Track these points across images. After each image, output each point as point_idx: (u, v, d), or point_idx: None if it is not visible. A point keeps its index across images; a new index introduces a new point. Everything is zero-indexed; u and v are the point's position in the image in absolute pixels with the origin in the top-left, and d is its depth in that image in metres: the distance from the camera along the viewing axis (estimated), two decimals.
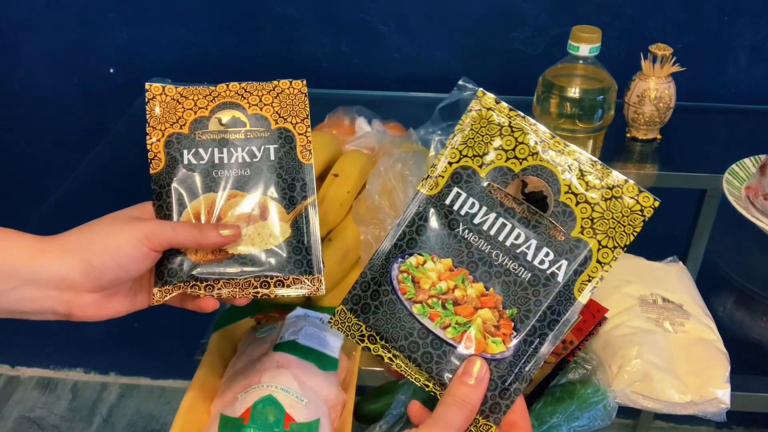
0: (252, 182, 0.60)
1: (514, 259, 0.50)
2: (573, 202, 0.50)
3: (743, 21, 1.17)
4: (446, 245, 0.51)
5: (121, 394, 1.76)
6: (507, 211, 0.51)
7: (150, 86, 0.63)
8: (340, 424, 0.64)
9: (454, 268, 0.50)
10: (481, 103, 0.53)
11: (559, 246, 0.50)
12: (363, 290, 0.51)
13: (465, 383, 0.47)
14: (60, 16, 1.28)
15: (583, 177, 0.51)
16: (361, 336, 0.50)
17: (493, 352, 0.49)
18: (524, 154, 0.51)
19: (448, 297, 0.50)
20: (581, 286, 0.50)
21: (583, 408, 0.65)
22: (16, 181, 1.50)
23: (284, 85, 0.65)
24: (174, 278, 0.57)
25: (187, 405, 0.65)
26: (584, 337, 0.70)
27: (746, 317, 0.84)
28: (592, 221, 0.50)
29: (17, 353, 1.81)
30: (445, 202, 0.52)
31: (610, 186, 0.50)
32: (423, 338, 0.49)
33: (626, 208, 0.50)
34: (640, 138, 1.09)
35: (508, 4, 1.19)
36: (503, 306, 0.50)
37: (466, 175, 0.52)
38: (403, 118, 1.04)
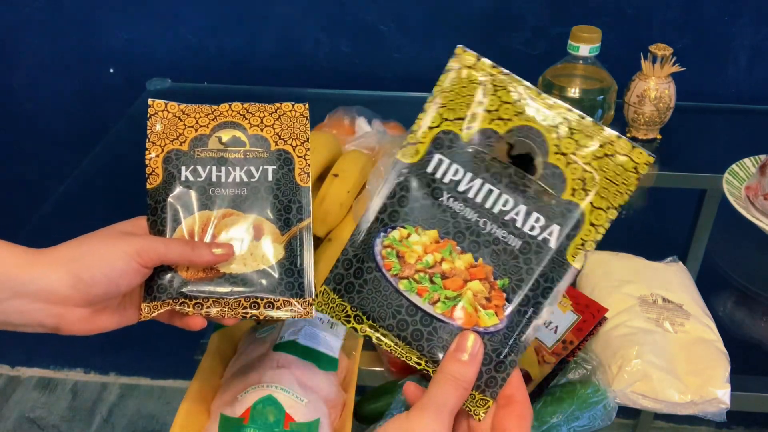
0: (248, 202, 0.60)
1: (503, 226, 0.47)
2: (563, 163, 0.47)
3: (743, 21, 1.17)
4: (431, 216, 0.47)
5: (121, 394, 1.76)
6: (493, 177, 0.47)
7: (153, 102, 0.63)
8: (340, 424, 0.64)
9: (440, 240, 0.47)
10: (461, 61, 0.49)
11: (550, 210, 0.47)
12: (345, 268, 0.48)
13: (458, 359, 0.45)
14: (60, 16, 1.28)
15: (572, 135, 0.47)
16: (347, 316, 0.47)
17: (485, 325, 0.46)
18: (509, 114, 0.48)
19: (436, 270, 0.47)
20: (575, 251, 0.47)
21: (583, 408, 0.65)
22: (16, 181, 1.50)
23: (286, 108, 0.64)
24: (163, 294, 0.57)
25: (187, 405, 0.65)
26: (584, 337, 0.70)
27: (746, 317, 0.84)
28: (584, 182, 0.47)
29: (17, 353, 1.81)
30: (426, 170, 0.48)
31: (602, 143, 0.47)
32: (412, 315, 0.47)
33: (619, 165, 0.47)
34: (640, 138, 1.09)
35: (508, 4, 1.19)
36: (494, 276, 0.47)
37: (448, 140, 0.48)
38: (403, 118, 1.04)
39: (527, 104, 0.48)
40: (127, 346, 1.73)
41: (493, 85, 0.48)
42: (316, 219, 0.81)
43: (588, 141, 0.47)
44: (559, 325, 0.70)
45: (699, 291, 0.77)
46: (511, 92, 0.48)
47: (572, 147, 0.47)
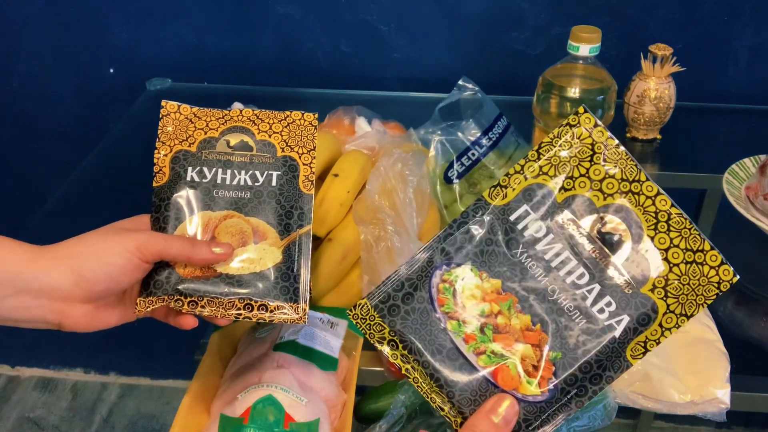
0: (250, 205, 0.60)
1: (572, 300, 0.45)
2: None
3: (743, 21, 1.17)
4: (499, 264, 0.46)
5: (121, 394, 1.76)
6: (575, 246, 0.45)
7: (166, 103, 0.64)
8: (340, 424, 0.64)
9: (502, 292, 0.45)
10: (580, 121, 0.47)
11: (624, 299, 0.45)
12: (395, 290, 0.46)
13: (490, 420, 0.43)
14: (60, 16, 1.28)
15: (668, 232, 0.46)
16: (381, 338, 0.46)
17: (525, 393, 0.44)
18: (612, 189, 0.46)
19: (489, 321, 0.45)
20: (635, 347, 0.45)
21: (583, 408, 0.65)
22: (16, 180, 1.50)
23: (296, 116, 0.65)
24: (159, 290, 0.57)
25: (187, 405, 0.65)
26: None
27: (746, 317, 0.84)
28: (666, 281, 0.45)
29: (17, 353, 1.81)
30: (509, 217, 0.46)
31: (694, 249, 0.45)
32: (452, 359, 0.44)
33: (704, 276, 0.45)
34: (640, 138, 1.09)
35: (508, 4, 1.19)
36: (549, 347, 0.45)
37: (540, 195, 0.46)
38: (403, 118, 1.04)
39: (632, 186, 0.46)
40: (127, 346, 1.73)
41: (604, 154, 0.47)
42: (316, 219, 0.81)
43: (682, 242, 0.46)
44: None
45: None
46: (620, 168, 0.46)
47: (666, 243, 0.46)
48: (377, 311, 0.46)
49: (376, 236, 0.78)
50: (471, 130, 0.89)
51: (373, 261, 0.76)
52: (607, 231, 0.46)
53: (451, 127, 0.90)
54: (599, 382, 0.45)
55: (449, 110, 0.92)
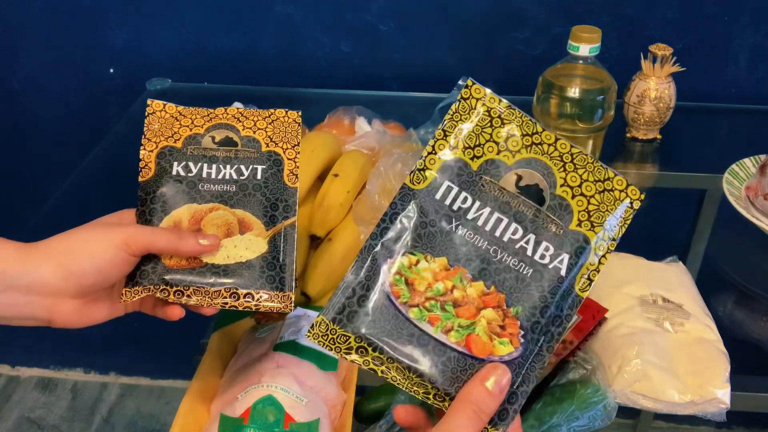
0: (235, 198, 0.61)
1: (514, 254, 0.47)
2: (569, 195, 0.49)
3: (743, 21, 1.17)
4: (439, 243, 0.47)
5: (121, 394, 1.75)
6: (502, 206, 0.48)
7: (151, 102, 0.65)
8: (340, 424, 0.64)
9: (450, 267, 0.47)
10: (471, 93, 0.50)
11: (558, 240, 0.48)
12: (348, 297, 0.46)
13: (485, 388, 0.44)
14: (60, 16, 1.28)
15: (576, 170, 0.49)
16: (348, 348, 0.45)
17: (500, 354, 0.45)
18: (517, 146, 0.49)
19: (447, 298, 0.46)
20: (581, 281, 0.48)
21: (583, 408, 0.65)
22: (16, 181, 1.50)
23: (280, 114, 0.66)
24: (144, 280, 0.57)
25: (187, 405, 0.65)
26: (584, 337, 0.70)
27: (746, 317, 0.84)
28: (589, 214, 0.49)
29: (17, 353, 1.81)
30: (435, 196, 0.48)
31: (602, 179, 0.49)
32: (424, 345, 0.45)
33: (618, 200, 0.49)
34: (640, 138, 1.09)
35: (508, 4, 1.19)
36: (507, 304, 0.46)
37: (457, 168, 0.48)
38: (403, 118, 1.04)
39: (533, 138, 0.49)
40: (127, 346, 1.73)
41: (501, 117, 0.49)
42: (316, 219, 0.82)
43: (590, 176, 0.49)
44: None
45: (699, 291, 0.77)
46: (517, 126, 0.49)
47: (577, 181, 0.49)
48: (337, 323, 0.46)
49: None
50: None
51: None
52: (525, 184, 0.48)
53: None
54: (561, 324, 0.47)
55: (449, 110, 0.92)
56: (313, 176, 0.85)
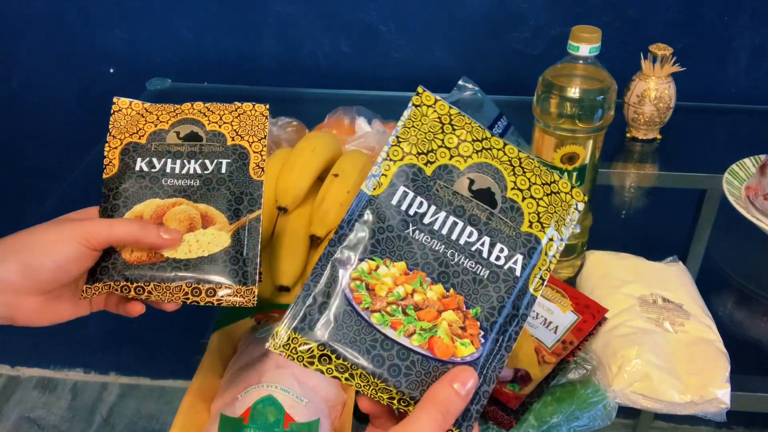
0: (199, 192, 0.61)
1: (470, 257, 0.48)
2: (519, 198, 0.50)
3: (743, 21, 1.17)
4: (397, 248, 0.48)
5: (121, 394, 1.76)
6: (456, 209, 0.49)
7: (117, 100, 0.65)
8: (340, 424, 0.64)
9: (409, 271, 0.47)
10: (422, 100, 0.51)
11: (512, 241, 0.49)
12: (309, 305, 0.45)
13: (453, 389, 0.44)
14: (60, 16, 1.28)
15: (524, 174, 0.51)
16: (311, 358, 0.44)
17: (462, 355, 0.46)
18: (468, 151, 0.50)
19: (408, 302, 0.46)
20: (534, 280, 0.49)
21: (583, 408, 0.65)
22: (16, 181, 1.50)
23: (247, 107, 0.66)
24: (105, 276, 0.57)
25: (187, 405, 0.65)
26: (584, 337, 0.70)
27: (746, 317, 0.84)
28: (539, 215, 0.50)
29: (17, 353, 1.81)
30: (391, 202, 0.48)
31: (548, 182, 0.51)
32: (387, 350, 0.45)
33: (564, 202, 0.51)
34: (640, 138, 1.09)
35: (508, 4, 1.19)
36: (466, 306, 0.47)
37: (412, 174, 0.49)
38: None
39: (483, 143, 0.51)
40: (127, 346, 1.73)
41: (452, 124, 0.50)
42: (316, 219, 0.82)
43: (538, 179, 0.51)
44: (559, 325, 0.70)
45: (699, 291, 0.77)
46: (467, 131, 0.51)
47: (527, 184, 0.51)
48: (299, 332, 0.45)
49: None
50: None
51: None
52: (478, 188, 0.50)
53: None
54: (518, 323, 0.48)
55: None
56: (313, 176, 0.85)
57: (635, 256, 0.82)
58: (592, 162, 0.79)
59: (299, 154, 0.86)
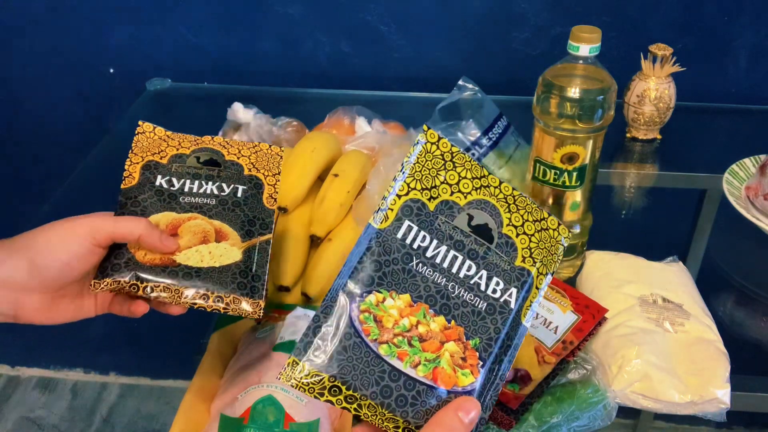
0: (215, 210, 0.63)
1: (469, 290, 0.50)
2: (514, 234, 0.53)
3: (743, 21, 1.17)
4: (402, 280, 0.49)
5: (121, 394, 1.76)
6: (456, 244, 0.51)
7: (142, 123, 0.67)
8: (340, 424, 0.64)
9: (413, 304, 0.49)
10: (427, 137, 0.53)
11: (506, 275, 0.51)
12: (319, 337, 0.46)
13: (458, 416, 0.45)
14: (60, 16, 1.28)
15: (518, 211, 0.53)
16: (322, 389, 0.45)
17: (463, 385, 0.48)
18: (468, 188, 0.53)
19: (413, 333, 0.48)
20: (525, 312, 0.52)
21: (583, 408, 0.65)
22: (16, 181, 1.50)
23: (264, 147, 0.70)
24: (116, 273, 0.58)
25: (187, 405, 0.65)
26: (584, 337, 0.70)
27: (746, 317, 0.84)
28: (531, 251, 0.53)
29: (17, 353, 1.81)
30: (396, 235, 0.50)
31: (539, 219, 0.54)
32: (395, 380, 0.46)
33: (552, 239, 0.54)
34: (640, 138, 1.09)
35: (508, 4, 1.19)
36: (466, 337, 0.49)
37: (416, 208, 0.51)
38: (403, 118, 1.04)
39: (481, 181, 0.53)
40: (127, 346, 1.73)
41: (453, 161, 0.53)
42: (316, 219, 0.82)
43: (529, 216, 0.54)
44: (559, 326, 0.70)
45: (699, 291, 0.77)
46: (467, 169, 0.53)
47: (520, 220, 0.53)
48: (311, 364, 0.46)
49: None
50: (471, 130, 0.89)
51: None
52: (476, 224, 0.52)
53: (451, 127, 0.90)
54: (510, 352, 0.51)
55: (449, 110, 0.92)
56: (313, 176, 0.85)
57: (635, 256, 0.82)
58: (592, 162, 0.79)
59: (299, 154, 0.86)
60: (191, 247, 0.60)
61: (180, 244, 0.60)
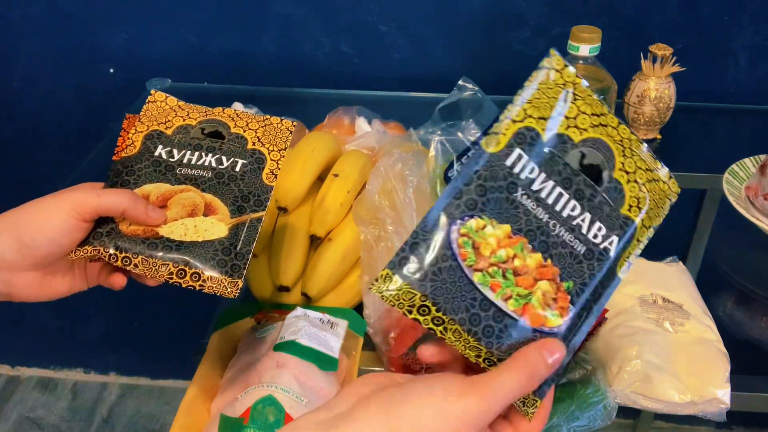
0: (209, 183, 0.62)
1: (570, 231, 0.48)
2: (624, 180, 0.50)
3: (743, 21, 1.17)
4: (504, 210, 0.47)
5: (121, 394, 1.76)
6: (564, 181, 0.48)
7: (155, 92, 0.67)
8: None
9: (512, 236, 0.47)
10: (552, 63, 0.50)
11: (610, 221, 0.49)
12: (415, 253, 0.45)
13: (542, 355, 0.44)
14: (60, 16, 1.28)
15: (632, 156, 0.50)
16: (411, 306, 0.44)
17: (551, 326, 0.46)
18: (585, 124, 0.49)
19: (508, 266, 0.46)
20: (622, 263, 0.49)
21: (583, 408, 0.65)
22: (16, 181, 1.50)
23: (275, 120, 0.68)
24: (96, 241, 0.58)
25: (187, 405, 0.65)
26: (584, 337, 0.70)
27: (746, 317, 0.84)
28: (638, 200, 0.50)
29: (17, 353, 1.81)
30: (505, 162, 0.47)
31: (651, 168, 0.51)
32: (485, 310, 0.45)
33: (661, 191, 0.51)
34: (640, 138, 1.09)
35: (508, 4, 1.19)
36: (560, 278, 0.47)
37: (529, 137, 0.48)
38: (403, 118, 1.04)
39: (600, 119, 0.50)
40: (127, 346, 1.73)
41: (574, 93, 0.49)
42: (316, 219, 0.81)
43: (643, 164, 0.51)
44: None
45: (699, 291, 0.77)
46: (588, 104, 0.50)
47: (633, 167, 0.50)
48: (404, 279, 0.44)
49: (376, 236, 0.78)
50: (471, 130, 0.89)
51: (373, 261, 0.76)
52: (588, 163, 0.49)
53: (451, 127, 0.90)
54: (600, 301, 0.49)
55: (449, 110, 0.92)
56: (313, 176, 0.85)
57: None
58: None
59: (299, 155, 0.86)
60: (177, 219, 0.60)
61: (167, 215, 0.59)
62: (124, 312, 1.61)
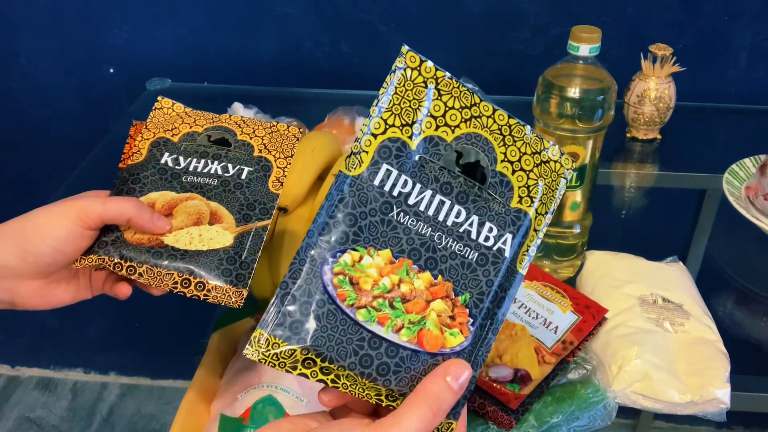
0: (215, 191, 0.62)
1: (459, 239, 0.44)
2: (509, 171, 0.46)
3: (743, 21, 1.17)
4: (381, 234, 0.43)
5: (121, 394, 1.75)
6: (443, 187, 0.44)
7: (161, 99, 0.67)
8: None
9: (394, 260, 0.43)
10: (407, 62, 0.46)
11: (501, 219, 0.45)
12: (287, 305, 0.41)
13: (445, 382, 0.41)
14: (60, 16, 1.28)
15: (514, 143, 0.46)
16: (294, 363, 0.40)
17: (452, 345, 0.43)
18: (456, 120, 0.45)
19: (395, 294, 0.43)
20: (521, 258, 0.46)
21: (583, 408, 0.65)
22: (16, 181, 1.50)
23: (281, 127, 0.67)
24: (101, 250, 0.57)
25: (187, 405, 0.65)
26: (584, 337, 0.70)
27: (746, 317, 0.84)
28: (528, 189, 0.46)
29: (17, 353, 1.81)
30: (374, 182, 0.43)
31: (538, 150, 0.47)
32: (376, 348, 0.42)
33: (553, 171, 0.47)
34: (640, 138, 1.09)
35: (508, 4, 1.19)
36: (455, 293, 0.44)
37: (395, 149, 0.44)
38: None
39: (472, 111, 0.46)
40: (127, 346, 1.73)
41: (438, 89, 0.45)
42: None
43: (528, 149, 0.47)
44: (559, 326, 0.70)
45: (699, 291, 0.77)
46: (456, 97, 0.45)
47: (516, 155, 0.46)
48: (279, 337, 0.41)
49: None
50: None
51: None
52: (466, 162, 0.45)
53: None
54: (504, 303, 0.45)
55: None
56: (313, 176, 0.85)
57: (635, 256, 0.82)
58: (592, 162, 0.79)
59: (299, 155, 0.86)
60: (183, 228, 0.59)
61: (173, 224, 0.59)
62: (124, 312, 1.61)
